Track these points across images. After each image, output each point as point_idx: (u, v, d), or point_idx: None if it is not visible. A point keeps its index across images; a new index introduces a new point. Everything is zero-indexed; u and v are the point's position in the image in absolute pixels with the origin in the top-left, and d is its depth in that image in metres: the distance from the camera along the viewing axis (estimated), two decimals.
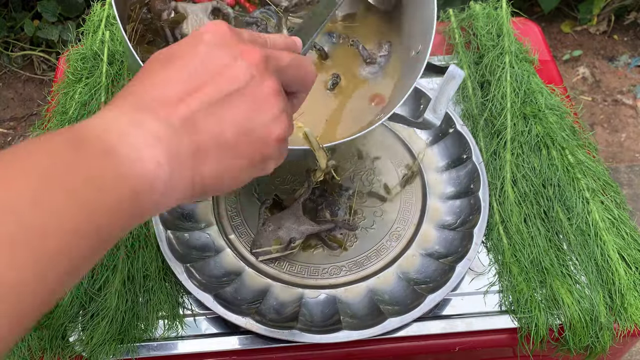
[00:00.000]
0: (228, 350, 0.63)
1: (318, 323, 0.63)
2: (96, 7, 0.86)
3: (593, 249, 0.67)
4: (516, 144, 0.75)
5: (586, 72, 1.77)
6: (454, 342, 0.64)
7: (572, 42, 1.84)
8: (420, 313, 0.62)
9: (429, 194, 0.74)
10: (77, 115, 0.75)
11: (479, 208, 0.69)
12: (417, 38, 0.62)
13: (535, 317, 0.63)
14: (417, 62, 0.60)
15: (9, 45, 1.71)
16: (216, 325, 0.64)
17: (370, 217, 0.73)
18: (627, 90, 1.73)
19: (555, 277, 0.65)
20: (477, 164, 0.73)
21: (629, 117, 1.69)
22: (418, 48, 0.62)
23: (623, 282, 0.64)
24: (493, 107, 0.78)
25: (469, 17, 0.89)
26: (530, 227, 0.69)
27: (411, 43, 0.64)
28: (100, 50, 0.80)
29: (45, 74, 1.72)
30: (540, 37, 0.91)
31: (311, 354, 0.63)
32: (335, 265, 0.69)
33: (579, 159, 0.73)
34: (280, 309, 0.65)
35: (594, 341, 0.63)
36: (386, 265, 0.68)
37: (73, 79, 0.79)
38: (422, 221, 0.72)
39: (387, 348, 0.64)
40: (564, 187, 0.71)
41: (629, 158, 1.61)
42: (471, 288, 0.67)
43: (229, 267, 0.68)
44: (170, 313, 0.64)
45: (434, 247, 0.70)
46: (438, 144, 0.78)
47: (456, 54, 0.86)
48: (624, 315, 0.64)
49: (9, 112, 1.68)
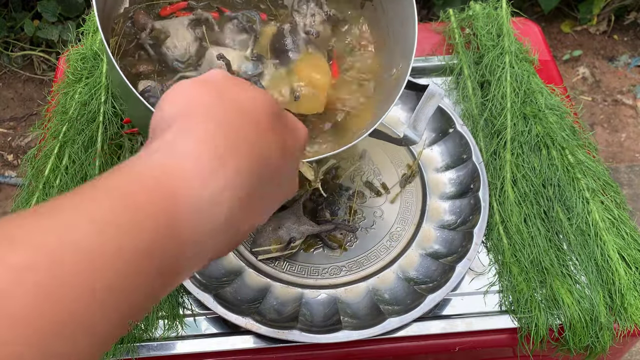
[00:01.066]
0: (228, 350, 0.63)
1: (318, 323, 0.63)
2: None
3: (593, 249, 0.67)
4: (516, 144, 0.75)
5: (586, 72, 1.77)
6: (454, 342, 0.64)
7: (572, 42, 1.84)
8: (420, 313, 0.62)
9: (429, 194, 0.74)
10: (77, 115, 0.75)
11: (479, 208, 0.70)
12: (398, 57, 0.63)
13: (535, 317, 0.63)
14: (398, 80, 0.61)
15: (9, 45, 1.71)
16: (216, 325, 0.64)
17: (370, 217, 0.73)
18: (627, 90, 1.74)
19: (555, 277, 0.65)
20: (477, 164, 0.73)
21: (629, 117, 1.69)
22: (399, 66, 0.63)
23: (623, 282, 0.65)
24: (493, 107, 0.78)
25: (469, 17, 0.89)
26: (530, 227, 0.69)
27: (392, 61, 0.65)
28: (100, 50, 0.80)
29: (45, 74, 1.72)
30: (540, 37, 0.91)
31: (311, 354, 0.63)
32: (335, 265, 0.69)
33: (579, 159, 0.73)
34: (281, 309, 0.65)
35: (594, 341, 0.63)
36: (386, 265, 0.68)
37: (73, 79, 0.79)
38: (422, 221, 0.72)
39: (387, 348, 0.64)
40: (564, 187, 0.71)
41: (629, 158, 1.61)
42: (471, 288, 0.67)
43: (229, 267, 0.68)
44: (170, 313, 0.64)
45: (434, 247, 0.70)
46: (438, 144, 0.78)
47: (456, 54, 0.86)
48: (624, 315, 0.64)
49: (9, 112, 1.68)
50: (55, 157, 0.73)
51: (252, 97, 0.34)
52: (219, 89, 0.33)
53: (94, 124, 0.75)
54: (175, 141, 0.30)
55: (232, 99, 0.33)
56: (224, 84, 0.34)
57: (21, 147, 1.63)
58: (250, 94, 0.34)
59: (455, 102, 0.83)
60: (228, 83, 0.35)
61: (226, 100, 0.33)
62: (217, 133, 0.30)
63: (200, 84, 0.34)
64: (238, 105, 0.33)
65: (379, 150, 0.78)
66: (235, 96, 0.34)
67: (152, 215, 0.26)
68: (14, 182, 1.55)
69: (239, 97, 0.34)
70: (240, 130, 0.32)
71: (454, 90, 0.84)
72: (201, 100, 0.32)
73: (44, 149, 0.74)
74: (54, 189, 0.70)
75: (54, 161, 0.73)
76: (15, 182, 1.55)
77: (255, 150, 0.32)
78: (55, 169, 0.72)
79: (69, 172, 0.72)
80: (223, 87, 0.34)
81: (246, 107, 0.33)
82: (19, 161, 1.60)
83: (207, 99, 0.32)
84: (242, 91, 0.34)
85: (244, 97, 0.34)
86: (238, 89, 0.34)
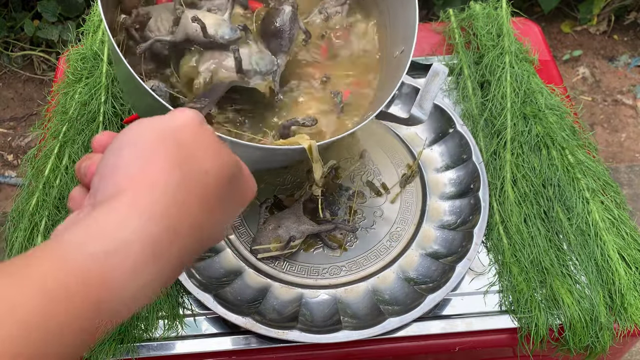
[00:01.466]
0: (228, 350, 0.63)
1: (318, 323, 0.63)
2: (96, 7, 0.86)
3: (593, 249, 0.67)
4: (516, 144, 0.75)
5: (586, 72, 1.77)
6: (454, 342, 0.64)
7: (572, 42, 1.84)
8: (420, 313, 0.62)
9: (429, 194, 0.74)
10: (77, 115, 0.75)
11: (479, 208, 0.70)
12: (400, 40, 0.64)
13: (535, 317, 0.63)
14: (401, 61, 0.61)
15: (9, 45, 1.71)
16: (216, 325, 0.64)
17: (370, 217, 0.73)
18: (627, 90, 1.73)
19: (555, 277, 0.65)
20: (477, 164, 0.73)
21: (629, 117, 1.69)
22: (401, 49, 0.63)
23: (623, 282, 0.65)
24: (493, 107, 0.78)
25: (469, 17, 0.89)
26: (530, 227, 0.69)
27: (394, 45, 0.66)
28: (100, 50, 0.80)
29: (45, 74, 1.72)
30: (540, 37, 0.91)
31: (311, 354, 0.63)
32: (335, 265, 0.69)
33: (579, 159, 0.73)
34: (281, 309, 0.65)
35: (594, 341, 0.63)
36: (386, 265, 0.68)
37: (73, 79, 0.79)
38: (422, 221, 0.72)
39: (387, 348, 0.64)
40: (564, 187, 0.71)
41: (629, 158, 1.61)
42: (471, 288, 0.67)
43: (229, 267, 0.68)
44: (170, 313, 0.64)
45: (434, 247, 0.70)
46: (438, 144, 0.78)
47: (456, 54, 0.86)
48: (624, 315, 0.64)
49: (9, 112, 1.68)
50: (55, 157, 0.73)
51: (217, 166, 0.33)
52: (181, 154, 0.32)
53: (94, 124, 0.75)
54: (114, 225, 0.29)
55: (191, 171, 0.32)
56: (191, 143, 0.33)
57: (21, 147, 1.63)
58: (215, 162, 0.33)
59: (455, 102, 0.83)
60: (196, 143, 0.33)
61: (184, 174, 0.31)
62: (160, 222, 0.30)
63: (161, 141, 0.32)
64: (196, 179, 0.32)
65: (379, 150, 0.78)
66: (197, 167, 0.32)
67: (78, 303, 0.27)
68: (14, 182, 1.55)
69: (201, 168, 0.32)
70: (187, 213, 0.31)
71: (454, 90, 0.84)
72: (156, 171, 0.31)
73: (44, 149, 0.74)
74: (54, 189, 0.71)
75: (54, 161, 0.73)
76: (15, 182, 1.55)
77: (196, 233, 0.32)
78: (55, 169, 0.72)
79: (69, 172, 0.72)
80: (187, 150, 0.32)
81: (203, 182, 0.32)
82: (19, 161, 1.60)
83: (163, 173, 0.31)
84: (207, 159, 0.33)
85: (207, 167, 0.33)
86: (203, 154, 0.33)
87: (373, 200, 0.74)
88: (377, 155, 0.78)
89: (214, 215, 0.33)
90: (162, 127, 0.33)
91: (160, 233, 0.29)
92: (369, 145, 0.78)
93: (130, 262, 0.28)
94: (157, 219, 0.29)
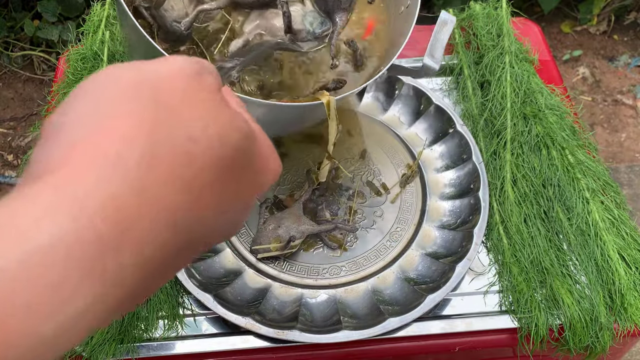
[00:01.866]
0: (228, 350, 0.63)
1: (318, 323, 0.63)
2: (96, 7, 0.86)
3: (593, 249, 0.67)
4: (516, 144, 0.75)
5: (586, 72, 1.77)
6: (454, 342, 0.64)
7: (572, 42, 1.84)
8: (420, 313, 0.62)
9: (429, 194, 0.74)
10: None
11: (479, 208, 0.70)
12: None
13: (535, 317, 0.63)
14: (408, 15, 0.61)
15: (9, 45, 1.71)
16: (216, 325, 0.64)
17: (370, 217, 0.73)
18: (627, 90, 1.73)
19: (555, 277, 0.65)
20: (477, 164, 0.73)
21: (629, 117, 1.69)
22: (407, 3, 0.63)
23: (623, 282, 0.64)
24: (493, 107, 0.78)
25: (469, 17, 0.89)
26: (530, 227, 0.69)
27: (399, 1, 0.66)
28: (100, 50, 0.80)
29: (45, 74, 1.72)
30: (540, 37, 0.91)
31: (311, 354, 0.63)
32: (335, 265, 0.69)
33: (579, 159, 0.73)
34: (281, 309, 0.65)
35: (594, 341, 0.63)
36: (386, 266, 0.68)
37: (73, 79, 0.79)
38: (422, 221, 0.72)
39: (387, 348, 0.64)
40: (564, 187, 0.71)
41: (629, 158, 1.61)
42: (471, 288, 0.67)
43: (229, 267, 0.68)
44: (170, 313, 0.64)
45: (434, 247, 0.70)
46: (438, 144, 0.78)
47: (456, 54, 0.86)
48: (624, 315, 0.64)
49: (9, 112, 1.68)
50: None
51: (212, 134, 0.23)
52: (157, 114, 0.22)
53: None
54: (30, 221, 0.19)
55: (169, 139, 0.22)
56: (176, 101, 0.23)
57: (21, 147, 1.63)
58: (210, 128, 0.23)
59: (455, 102, 0.83)
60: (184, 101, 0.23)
61: (154, 143, 0.21)
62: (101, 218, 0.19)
63: (132, 92, 0.22)
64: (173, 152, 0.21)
65: (379, 150, 0.78)
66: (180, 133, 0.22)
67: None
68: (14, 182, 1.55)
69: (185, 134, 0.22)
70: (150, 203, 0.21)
71: (454, 90, 0.84)
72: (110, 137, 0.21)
73: None
74: None
75: None
76: (15, 182, 1.55)
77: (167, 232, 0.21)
78: None
79: None
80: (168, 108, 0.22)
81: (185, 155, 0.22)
82: (19, 161, 1.60)
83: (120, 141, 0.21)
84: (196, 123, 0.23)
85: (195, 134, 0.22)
86: (190, 115, 0.23)
87: (373, 200, 0.74)
88: (377, 155, 0.78)
89: (203, 205, 0.23)
90: (140, 75, 0.23)
91: (101, 236, 0.19)
92: (369, 145, 0.78)
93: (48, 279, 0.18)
94: (96, 214, 0.19)
